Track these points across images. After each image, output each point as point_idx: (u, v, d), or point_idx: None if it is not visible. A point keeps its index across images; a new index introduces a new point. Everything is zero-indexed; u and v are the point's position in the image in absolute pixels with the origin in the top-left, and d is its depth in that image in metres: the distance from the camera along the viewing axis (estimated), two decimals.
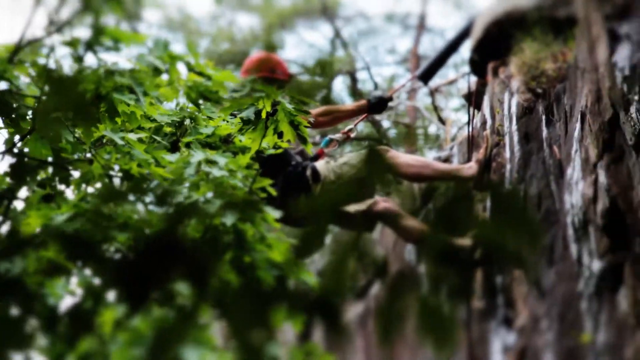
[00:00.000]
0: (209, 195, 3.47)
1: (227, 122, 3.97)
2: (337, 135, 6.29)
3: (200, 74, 3.66)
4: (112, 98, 3.42)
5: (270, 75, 6.51)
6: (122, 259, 3.32)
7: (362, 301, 7.97)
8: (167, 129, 3.94)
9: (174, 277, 2.92)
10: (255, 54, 6.66)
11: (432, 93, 12.39)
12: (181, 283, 3.11)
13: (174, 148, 3.91)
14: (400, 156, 5.89)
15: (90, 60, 3.46)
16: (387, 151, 5.82)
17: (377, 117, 11.30)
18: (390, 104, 6.93)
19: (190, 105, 3.86)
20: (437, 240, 2.33)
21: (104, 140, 3.66)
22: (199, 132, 3.88)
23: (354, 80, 15.67)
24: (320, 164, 5.81)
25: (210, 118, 3.95)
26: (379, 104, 6.52)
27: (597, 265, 4.20)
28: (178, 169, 3.55)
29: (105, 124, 3.54)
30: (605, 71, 4.23)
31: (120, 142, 3.54)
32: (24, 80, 3.58)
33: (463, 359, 5.54)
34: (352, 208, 5.72)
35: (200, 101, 3.77)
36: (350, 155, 5.86)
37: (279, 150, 4.11)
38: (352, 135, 6.38)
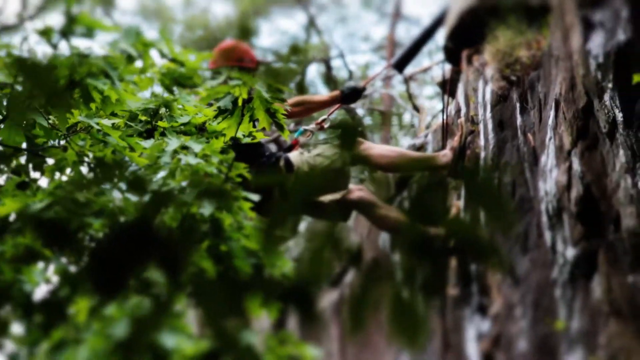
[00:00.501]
0: (185, 183, 3.45)
1: (201, 112, 3.95)
2: (311, 126, 6.28)
3: (174, 60, 3.65)
4: (87, 83, 3.40)
5: (239, 64, 6.47)
6: (97, 247, 3.30)
7: (336, 289, 7.98)
8: (142, 117, 3.92)
9: (148, 265, 2.91)
10: (223, 43, 6.60)
11: (407, 81, 12.39)
12: (157, 272, 3.09)
13: (149, 136, 3.88)
14: (374, 147, 5.89)
15: (63, 47, 3.44)
16: (361, 143, 5.82)
17: (352, 104, 11.29)
18: (365, 92, 6.95)
19: (165, 93, 3.84)
20: (412, 229, 2.32)
21: (78, 128, 3.63)
22: (175, 120, 3.87)
23: (328, 67, 15.65)
24: (294, 155, 5.80)
25: (184, 108, 3.93)
26: (352, 94, 6.54)
27: (571, 252, 4.22)
28: (153, 155, 3.54)
29: (80, 110, 3.51)
30: (579, 59, 4.24)
31: (96, 127, 3.52)
32: None
33: (437, 347, 5.55)
34: (327, 197, 5.71)
35: (175, 88, 3.76)
36: (324, 147, 5.86)
37: (256, 139, 4.09)
38: (326, 125, 6.37)
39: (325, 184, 5.19)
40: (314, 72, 17.66)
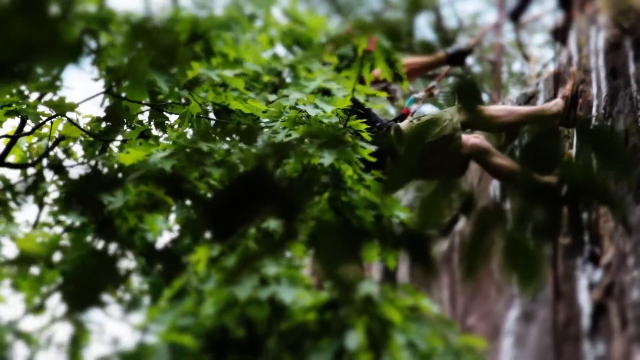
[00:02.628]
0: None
1: (325, 74, 4.00)
2: (421, 94, 6.23)
3: (296, 20, 3.71)
4: (209, 37, 3.47)
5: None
6: (216, 195, 3.39)
7: (446, 238, 8.00)
8: (266, 78, 3.97)
9: (265, 214, 2.99)
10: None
11: (517, 29, 12.25)
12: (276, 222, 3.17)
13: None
14: (484, 110, 5.83)
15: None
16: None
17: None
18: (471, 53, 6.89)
19: (287, 54, 3.90)
20: (526, 177, 2.35)
21: (199, 80, 3.71)
22: (299, 84, 3.91)
23: (438, 16, 15.52)
24: (404, 124, 5.77)
25: (309, 70, 3.98)
26: (458, 57, 6.47)
27: None
28: (277, 105, 3.59)
29: (201, 63, 3.59)
30: None
31: (216, 79, 3.58)
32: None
33: (548, 296, 5.56)
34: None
35: (296, 48, 3.82)
36: (432, 113, 5.84)
37: (382, 94, 4.11)
38: (436, 92, 6.33)
39: (436, 153, 5.18)
40: (422, 21, 17.49)
